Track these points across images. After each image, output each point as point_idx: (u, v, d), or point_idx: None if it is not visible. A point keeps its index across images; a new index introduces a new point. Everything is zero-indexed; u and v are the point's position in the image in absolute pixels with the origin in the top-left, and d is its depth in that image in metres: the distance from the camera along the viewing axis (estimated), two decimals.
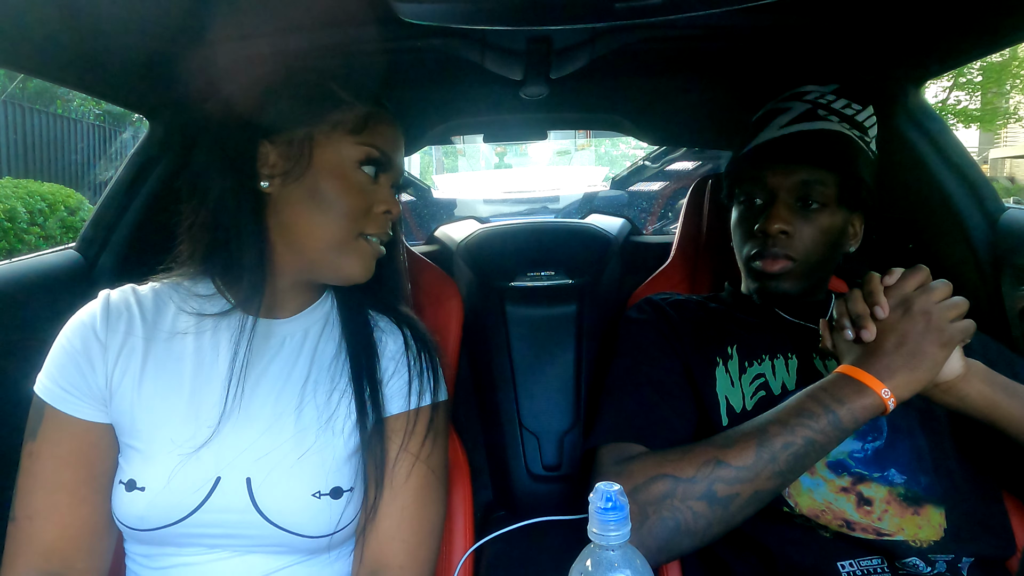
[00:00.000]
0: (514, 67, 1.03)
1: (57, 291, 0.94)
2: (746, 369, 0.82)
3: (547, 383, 1.27)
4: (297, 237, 0.70)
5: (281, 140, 0.68)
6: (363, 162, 0.70)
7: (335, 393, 0.71)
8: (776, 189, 0.84)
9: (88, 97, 6.03)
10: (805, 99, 0.87)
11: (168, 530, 0.65)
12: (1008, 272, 0.97)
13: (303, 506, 0.66)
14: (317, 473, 0.67)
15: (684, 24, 0.91)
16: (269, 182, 0.68)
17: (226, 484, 0.66)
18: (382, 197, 0.71)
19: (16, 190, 4.91)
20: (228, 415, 0.68)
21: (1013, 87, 8.55)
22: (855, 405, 0.64)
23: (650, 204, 3.76)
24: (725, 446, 0.67)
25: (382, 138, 0.71)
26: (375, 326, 0.77)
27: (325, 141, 0.69)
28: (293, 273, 0.72)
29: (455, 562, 0.88)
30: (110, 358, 0.69)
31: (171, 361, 0.70)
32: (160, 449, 0.67)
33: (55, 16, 0.74)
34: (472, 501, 0.94)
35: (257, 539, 0.66)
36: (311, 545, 0.67)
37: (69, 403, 0.68)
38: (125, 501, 0.66)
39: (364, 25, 0.91)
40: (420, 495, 0.71)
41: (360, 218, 0.70)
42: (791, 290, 0.85)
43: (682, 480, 0.65)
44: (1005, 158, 10.91)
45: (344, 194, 0.68)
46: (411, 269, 1.19)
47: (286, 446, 0.68)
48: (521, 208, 4.84)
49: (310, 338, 0.75)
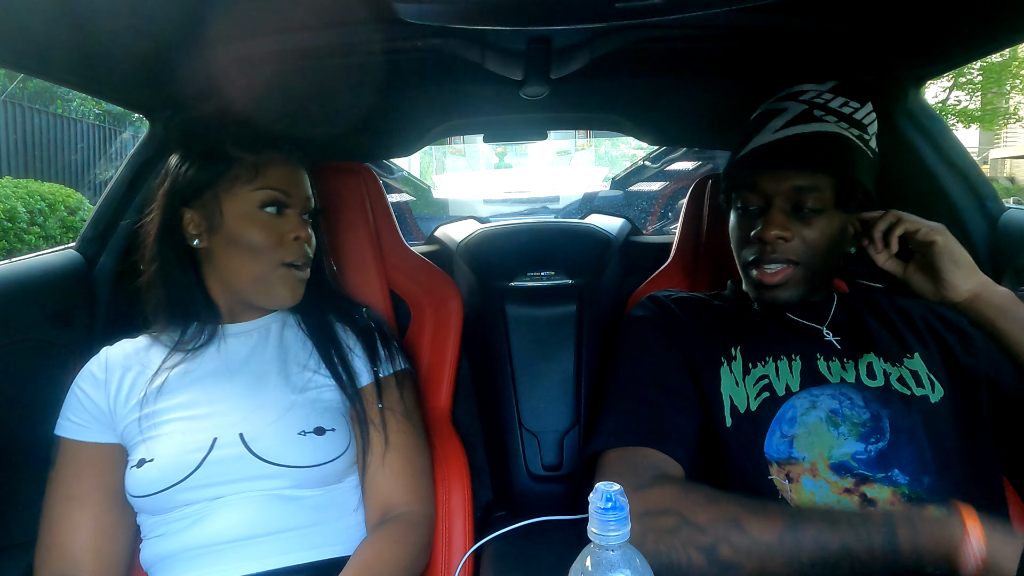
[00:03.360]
0: (514, 67, 1.03)
1: (57, 291, 0.94)
2: (750, 370, 0.81)
3: (547, 383, 1.27)
4: (229, 278, 0.84)
5: (197, 204, 0.82)
6: (263, 204, 0.82)
7: (306, 371, 0.85)
8: (771, 195, 0.82)
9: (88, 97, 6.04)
10: (801, 99, 0.85)
11: (176, 488, 0.75)
12: (1008, 272, 0.97)
13: (291, 442, 0.78)
14: (299, 418, 0.80)
15: (684, 24, 0.91)
16: (198, 239, 0.83)
17: (222, 441, 0.77)
18: (290, 227, 0.83)
19: (16, 190, 4.91)
20: (219, 398, 0.81)
21: (1013, 87, 8.54)
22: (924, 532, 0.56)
23: (650, 204, 3.76)
24: (752, 511, 0.63)
25: (275, 178, 0.83)
26: (330, 317, 0.91)
27: (228, 196, 0.82)
28: (237, 305, 0.87)
29: (455, 562, 0.88)
30: (111, 388, 0.82)
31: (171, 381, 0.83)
32: (165, 432, 0.78)
33: (55, 16, 0.75)
34: (472, 501, 0.94)
35: (254, 479, 0.76)
36: (303, 477, 0.78)
37: (78, 431, 0.81)
38: (137, 476, 0.76)
39: (364, 25, 0.91)
40: (409, 446, 0.85)
41: (275, 250, 0.82)
42: (791, 298, 0.84)
43: (691, 524, 0.63)
44: (1005, 158, 10.91)
45: (255, 235, 0.81)
46: (411, 269, 1.19)
47: (270, 408, 0.80)
48: (521, 208, 4.84)
49: (273, 332, 0.89)
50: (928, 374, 0.80)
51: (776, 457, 0.75)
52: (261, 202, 0.82)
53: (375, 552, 0.77)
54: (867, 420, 0.76)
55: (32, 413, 0.89)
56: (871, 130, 0.85)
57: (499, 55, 0.98)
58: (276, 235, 0.82)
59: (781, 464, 0.75)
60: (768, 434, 0.77)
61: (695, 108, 1.43)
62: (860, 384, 0.79)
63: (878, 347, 0.83)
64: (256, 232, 0.81)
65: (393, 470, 0.83)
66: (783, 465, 0.75)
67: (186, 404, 0.80)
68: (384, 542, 0.78)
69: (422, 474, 0.86)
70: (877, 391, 0.78)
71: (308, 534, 0.78)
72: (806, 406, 0.77)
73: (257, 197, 0.81)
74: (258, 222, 0.81)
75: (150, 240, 0.85)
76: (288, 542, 0.77)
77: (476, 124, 1.54)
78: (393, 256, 1.18)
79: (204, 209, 0.82)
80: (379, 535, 0.79)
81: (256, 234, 0.81)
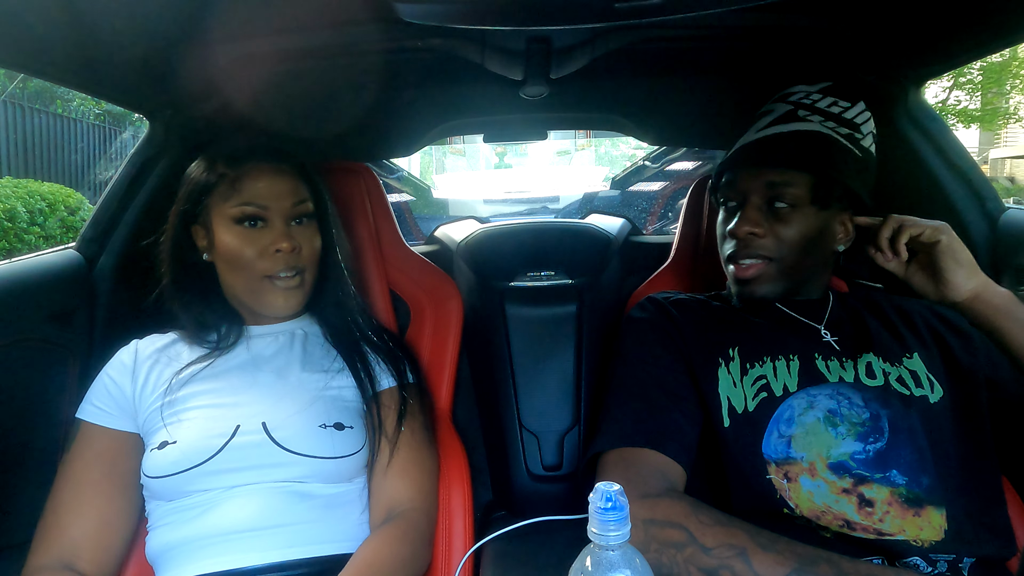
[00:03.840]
0: (514, 67, 1.03)
1: (57, 291, 0.94)
2: (748, 371, 0.81)
3: (547, 383, 1.27)
4: (231, 290, 0.89)
5: (201, 221, 0.87)
6: (238, 220, 0.84)
7: (329, 372, 0.89)
8: (747, 192, 0.84)
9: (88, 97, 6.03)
10: (789, 100, 0.87)
11: (196, 471, 0.77)
12: (1008, 272, 0.97)
13: (312, 433, 0.81)
14: (321, 412, 0.83)
15: (684, 24, 0.91)
16: (207, 254, 0.88)
17: (244, 428, 0.80)
18: (270, 240, 0.84)
19: (16, 190, 4.90)
20: (243, 389, 0.84)
21: (1013, 87, 8.53)
22: None
23: (650, 204, 3.76)
24: (761, 545, 0.62)
25: (254, 192, 0.84)
26: (352, 327, 0.94)
27: (216, 213, 0.85)
28: (249, 312, 0.91)
29: (455, 562, 0.88)
30: (138, 377, 0.85)
31: (197, 372, 0.86)
32: (189, 417, 0.81)
33: (55, 16, 0.75)
34: (472, 501, 0.94)
35: (272, 467, 0.78)
36: (319, 468, 0.80)
37: (99, 416, 0.83)
38: (158, 457, 0.78)
39: (364, 25, 0.91)
40: (418, 448, 0.88)
41: (256, 263, 0.84)
42: (768, 294, 0.85)
43: (697, 543, 0.63)
44: (1005, 158, 10.91)
45: (236, 250, 0.84)
46: (411, 269, 1.19)
47: (293, 400, 0.83)
48: (521, 208, 4.84)
49: (298, 337, 0.93)
50: (927, 374, 0.81)
51: (774, 457, 0.75)
52: (236, 217, 0.84)
53: (376, 550, 0.78)
54: (866, 420, 0.76)
55: (32, 413, 0.89)
56: (865, 129, 0.86)
57: (499, 55, 0.98)
58: (256, 249, 0.84)
59: (779, 464, 0.75)
60: (766, 434, 0.77)
61: (695, 108, 1.43)
62: (859, 384, 0.79)
63: (877, 347, 0.83)
64: (236, 248, 0.84)
65: (400, 471, 0.85)
66: (781, 465, 0.75)
67: (211, 392, 0.83)
68: (385, 540, 0.79)
69: (427, 475, 0.88)
70: (876, 391, 0.78)
71: (315, 529, 0.79)
72: (804, 406, 0.78)
73: (232, 213, 0.84)
74: (238, 237, 0.84)
75: (165, 256, 0.89)
76: (294, 536, 0.78)
77: (476, 124, 1.54)
78: (393, 256, 1.18)
79: (205, 226, 0.87)
80: (381, 533, 0.80)
81: (237, 250, 0.84)
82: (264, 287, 0.85)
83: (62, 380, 0.93)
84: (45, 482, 0.80)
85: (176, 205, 0.88)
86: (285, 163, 0.87)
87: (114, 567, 0.80)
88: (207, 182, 0.85)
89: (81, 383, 0.92)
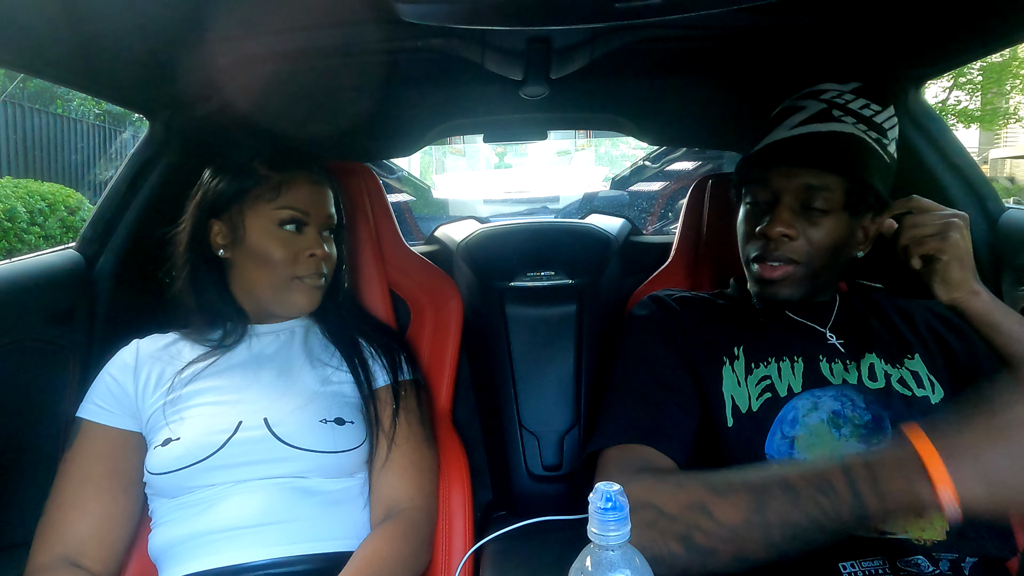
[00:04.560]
0: (514, 67, 1.03)
1: (57, 291, 0.94)
2: (752, 371, 0.81)
3: (547, 383, 1.27)
4: (250, 286, 0.90)
5: (224, 217, 0.88)
6: (283, 222, 0.87)
7: (329, 367, 0.90)
8: (780, 191, 0.81)
9: (88, 97, 6.04)
10: (821, 98, 0.83)
11: (199, 466, 0.78)
12: (1008, 272, 0.97)
13: (313, 428, 0.82)
14: (322, 408, 0.84)
15: (684, 24, 0.91)
16: (223, 250, 0.89)
17: (247, 424, 0.81)
18: (307, 244, 0.88)
19: (16, 190, 4.91)
20: (245, 386, 0.85)
21: (1013, 87, 8.53)
22: (894, 493, 0.52)
23: (650, 204, 3.76)
24: (716, 492, 0.61)
25: (297, 198, 0.88)
26: (350, 326, 0.97)
27: (251, 212, 0.87)
28: (260, 310, 0.92)
29: (455, 562, 0.88)
30: (140, 376, 0.86)
31: (199, 370, 0.87)
32: (192, 414, 0.82)
33: (56, 16, 0.74)
34: (472, 501, 0.94)
35: (274, 462, 0.79)
36: (321, 463, 0.81)
37: (101, 414, 0.84)
38: (161, 454, 0.79)
39: (364, 25, 0.91)
40: (418, 446, 0.88)
41: (290, 265, 0.87)
42: (791, 296, 0.83)
43: (664, 514, 0.62)
44: (1005, 158, 10.90)
45: (273, 250, 0.86)
46: (411, 269, 1.19)
47: (295, 396, 0.85)
48: (521, 208, 4.84)
49: (298, 335, 0.94)
50: (928, 375, 0.80)
51: (776, 458, 0.75)
52: (281, 220, 0.87)
53: (377, 548, 0.78)
54: (868, 422, 0.76)
55: (32, 413, 0.89)
56: (891, 135, 0.84)
57: (499, 55, 0.98)
58: (293, 251, 0.87)
59: None
60: (769, 435, 0.76)
61: (695, 108, 1.42)
62: (862, 386, 0.79)
63: (879, 348, 0.82)
64: (274, 248, 0.86)
65: (399, 469, 0.86)
66: None
67: (213, 390, 0.85)
68: (385, 539, 0.80)
69: (427, 474, 0.89)
70: (878, 392, 0.78)
71: (317, 526, 0.80)
72: (808, 407, 0.77)
73: (278, 215, 0.87)
74: (277, 239, 0.87)
75: (181, 248, 0.90)
76: (296, 532, 0.78)
77: (476, 124, 1.54)
78: (393, 256, 1.18)
79: (230, 222, 0.88)
80: (381, 532, 0.81)
81: (274, 250, 0.86)
82: (292, 286, 0.88)
83: (62, 380, 0.93)
84: (45, 482, 0.80)
85: (196, 198, 0.90)
86: (324, 175, 0.93)
87: (117, 564, 0.81)
88: (243, 181, 0.87)
89: (81, 383, 0.92)
